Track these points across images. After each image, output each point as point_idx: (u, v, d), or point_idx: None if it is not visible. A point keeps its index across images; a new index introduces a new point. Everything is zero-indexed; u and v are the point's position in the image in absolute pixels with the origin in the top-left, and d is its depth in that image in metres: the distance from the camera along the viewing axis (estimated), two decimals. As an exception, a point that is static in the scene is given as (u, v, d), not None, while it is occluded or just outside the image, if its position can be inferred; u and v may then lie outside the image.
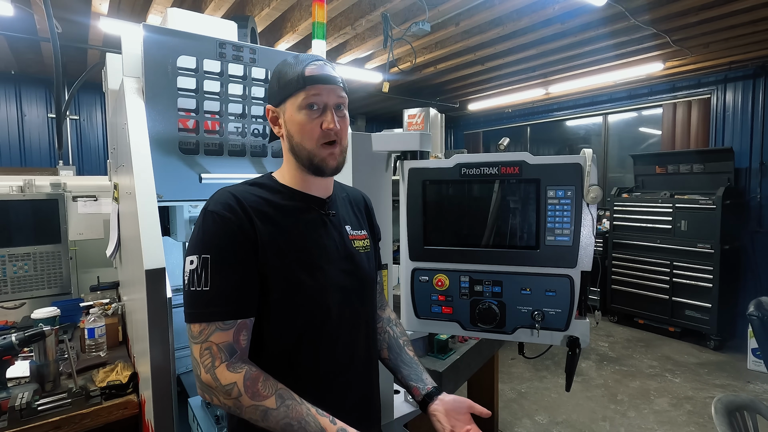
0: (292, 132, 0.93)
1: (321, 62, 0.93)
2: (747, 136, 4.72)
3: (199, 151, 1.49)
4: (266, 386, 0.81)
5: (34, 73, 5.18)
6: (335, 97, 0.92)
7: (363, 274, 1.02)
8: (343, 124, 0.94)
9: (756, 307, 1.85)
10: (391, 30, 3.32)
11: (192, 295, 0.83)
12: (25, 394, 1.27)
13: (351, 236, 1.03)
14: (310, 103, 0.90)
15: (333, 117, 0.91)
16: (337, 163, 0.95)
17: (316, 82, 0.90)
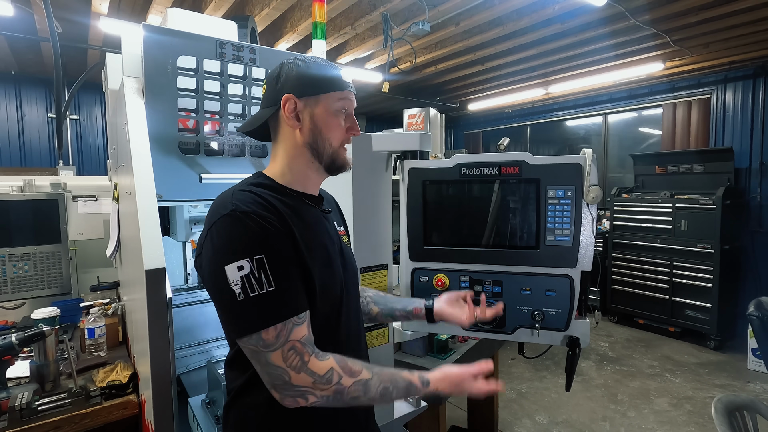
0: (321, 127, 0.95)
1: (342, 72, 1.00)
2: (747, 136, 4.72)
3: (199, 151, 1.49)
4: (354, 362, 0.85)
5: (34, 73, 5.18)
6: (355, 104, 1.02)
7: (354, 265, 1.10)
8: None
9: (756, 307, 1.85)
10: (391, 30, 3.32)
11: (255, 301, 0.78)
12: (25, 394, 1.27)
13: (340, 233, 1.09)
14: (344, 106, 0.97)
15: (357, 123, 1.00)
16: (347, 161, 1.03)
17: (351, 89, 0.98)
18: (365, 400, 0.83)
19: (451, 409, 3.18)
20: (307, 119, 0.94)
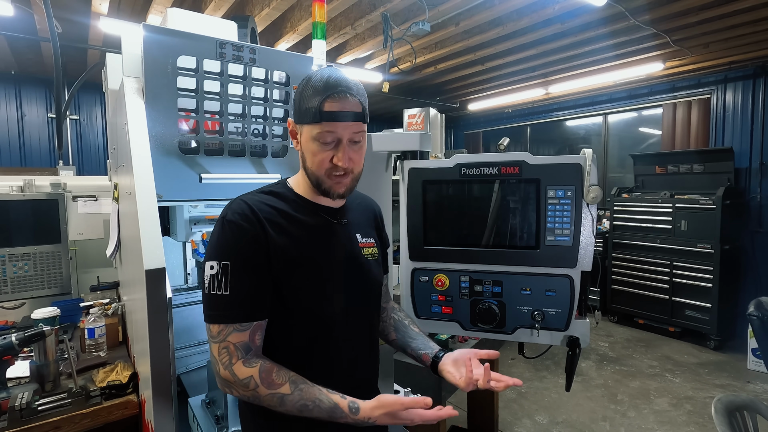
0: (305, 155, 0.98)
1: (341, 95, 0.92)
2: (747, 136, 4.72)
3: (199, 151, 1.49)
4: (279, 375, 0.88)
5: (34, 73, 5.18)
6: (350, 132, 0.94)
7: (369, 279, 1.06)
8: (357, 155, 0.98)
9: (756, 307, 1.85)
10: (391, 30, 3.32)
11: (212, 299, 0.92)
12: (25, 394, 1.27)
13: (361, 244, 1.06)
14: (323, 139, 0.93)
15: (344, 154, 0.94)
16: (345, 190, 0.99)
17: (332, 119, 0.92)
18: (282, 410, 0.87)
19: (451, 409, 3.18)
20: (300, 144, 1.00)
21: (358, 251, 1.05)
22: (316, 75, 0.95)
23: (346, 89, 0.93)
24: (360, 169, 1.01)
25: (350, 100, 0.93)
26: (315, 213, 1.02)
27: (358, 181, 1.02)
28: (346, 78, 0.96)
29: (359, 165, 1.00)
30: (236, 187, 1.58)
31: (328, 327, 0.98)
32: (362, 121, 0.96)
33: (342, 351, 1.00)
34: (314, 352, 0.97)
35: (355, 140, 0.96)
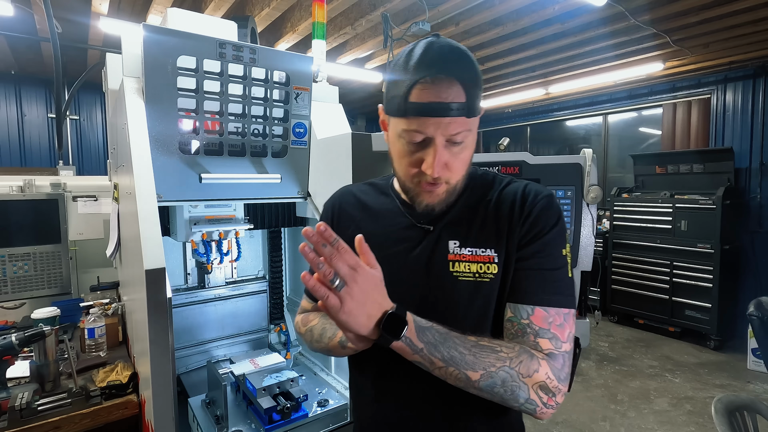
0: (392, 154, 0.81)
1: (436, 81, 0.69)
2: (747, 136, 4.72)
3: (199, 151, 1.49)
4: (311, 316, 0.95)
5: (34, 73, 5.18)
6: (446, 131, 0.71)
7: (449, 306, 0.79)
8: (456, 162, 0.75)
9: (756, 307, 1.85)
10: (391, 30, 3.32)
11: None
12: (25, 394, 1.27)
13: (454, 256, 0.79)
14: (410, 138, 0.73)
15: (437, 159, 0.72)
16: (439, 201, 0.78)
17: (421, 114, 0.70)
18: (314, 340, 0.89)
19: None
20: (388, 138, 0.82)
21: (441, 265, 0.80)
22: (411, 48, 0.74)
23: (444, 70, 0.69)
24: (459, 177, 0.78)
25: (449, 87, 0.69)
26: (398, 211, 0.86)
27: (458, 191, 0.81)
28: (448, 52, 0.71)
29: (457, 173, 0.77)
30: (236, 187, 1.58)
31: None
32: (466, 116, 0.71)
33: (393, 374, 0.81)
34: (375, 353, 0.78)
35: (454, 141, 0.73)
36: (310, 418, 1.46)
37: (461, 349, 0.69)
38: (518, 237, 0.78)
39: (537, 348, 0.73)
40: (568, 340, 0.74)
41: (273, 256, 2.10)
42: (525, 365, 0.70)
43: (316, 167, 1.70)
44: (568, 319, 0.75)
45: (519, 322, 0.74)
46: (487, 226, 0.80)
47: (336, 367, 1.79)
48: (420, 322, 0.70)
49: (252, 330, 2.07)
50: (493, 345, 0.71)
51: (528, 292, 0.75)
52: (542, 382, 0.70)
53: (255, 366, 1.57)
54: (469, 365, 0.69)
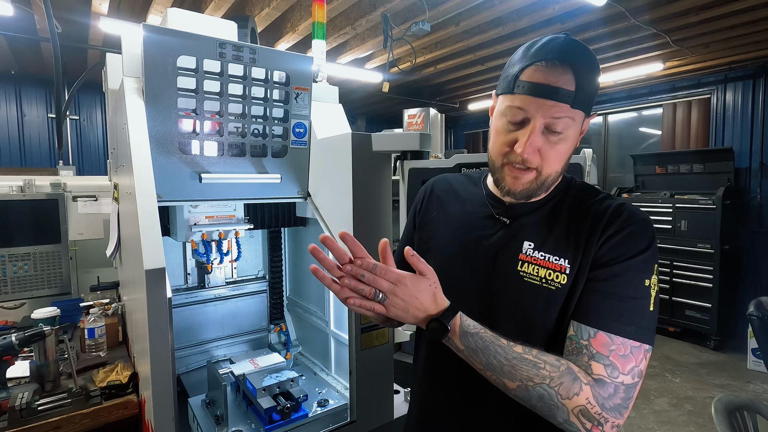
0: (491, 132, 0.82)
1: (549, 65, 0.72)
2: (747, 136, 4.72)
3: (199, 151, 1.49)
4: None
5: (34, 73, 5.18)
6: (548, 114, 0.72)
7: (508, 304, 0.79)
8: (551, 150, 0.75)
9: (756, 307, 1.85)
10: (391, 30, 3.32)
11: None
12: (25, 394, 1.27)
13: (526, 257, 0.79)
14: (511, 115, 0.76)
15: (530, 140, 0.73)
16: (522, 189, 0.78)
17: (527, 92, 0.73)
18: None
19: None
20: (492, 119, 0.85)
21: (510, 263, 0.80)
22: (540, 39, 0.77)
23: (560, 57, 0.72)
24: (554, 170, 0.77)
25: (560, 72, 0.71)
26: (482, 198, 0.88)
27: (547, 185, 0.79)
28: (571, 44, 0.74)
29: (550, 164, 0.76)
30: (236, 187, 1.58)
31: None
32: (570, 104, 0.72)
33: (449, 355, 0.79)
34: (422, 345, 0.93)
35: (553, 128, 0.73)
36: (310, 418, 1.46)
37: (501, 359, 0.70)
38: (596, 254, 0.74)
39: (588, 370, 0.69)
40: (630, 373, 0.69)
41: (273, 256, 2.10)
42: (565, 387, 0.68)
43: (316, 167, 1.70)
44: (636, 352, 0.70)
45: (578, 341, 0.72)
46: (567, 234, 0.78)
47: (336, 367, 1.79)
48: (467, 327, 0.72)
49: (252, 330, 2.07)
50: (537, 360, 0.70)
51: (595, 313, 0.72)
52: (582, 407, 0.67)
53: (255, 366, 1.57)
54: (506, 374, 0.70)
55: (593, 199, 0.80)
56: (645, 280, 0.72)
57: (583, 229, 0.76)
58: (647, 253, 0.73)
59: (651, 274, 0.73)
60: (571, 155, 0.79)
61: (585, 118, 0.77)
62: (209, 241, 1.78)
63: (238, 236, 1.89)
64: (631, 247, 0.73)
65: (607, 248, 0.74)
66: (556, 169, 0.78)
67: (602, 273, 0.73)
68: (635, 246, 0.73)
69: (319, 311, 1.87)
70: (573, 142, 0.77)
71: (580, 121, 0.76)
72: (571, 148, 0.78)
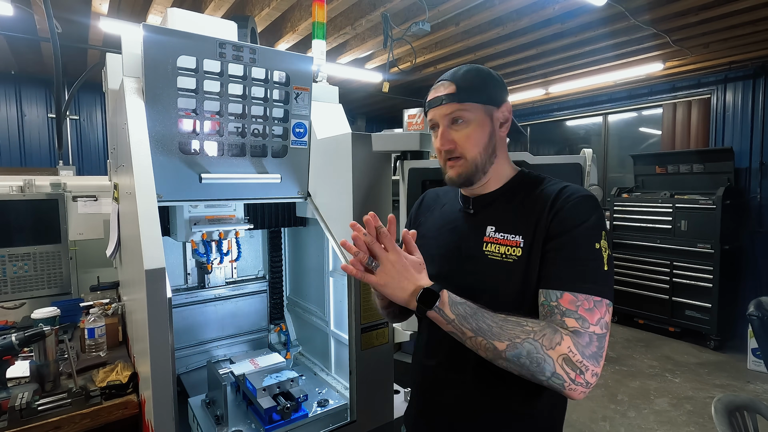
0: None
1: (437, 84, 0.96)
2: (747, 136, 4.72)
3: (199, 151, 1.49)
4: None
5: (34, 73, 5.18)
6: (444, 115, 0.94)
7: (477, 279, 0.93)
8: (460, 135, 0.93)
9: (756, 307, 1.85)
10: (391, 30, 3.32)
11: None
12: (25, 394, 1.27)
13: (489, 238, 0.93)
14: (430, 125, 1.00)
15: (441, 135, 0.95)
16: (458, 174, 0.95)
17: (429, 107, 0.97)
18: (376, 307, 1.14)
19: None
20: None
21: (477, 245, 0.94)
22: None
23: (445, 78, 0.96)
24: (474, 152, 0.93)
25: (445, 86, 0.94)
26: (455, 200, 1.05)
27: (478, 169, 0.94)
28: (456, 70, 0.96)
29: (468, 148, 0.93)
30: (236, 187, 1.59)
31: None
32: (456, 101, 0.92)
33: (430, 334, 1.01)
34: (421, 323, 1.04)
35: (454, 119, 0.93)
36: (310, 418, 1.47)
37: (489, 322, 0.80)
38: (546, 228, 0.86)
39: (563, 326, 0.79)
40: (598, 324, 0.78)
41: (273, 256, 2.10)
42: (548, 338, 0.76)
43: (316, 167, 1.70)
44: (599, 306, 0.79)
45: (549, 304, 0.82)
46: (521, 215, 0.91)
47: (336, 367, 1.79)
48: (454, 298, 0.82)
49: (252, 330, 2.07)
50: (519, 320, 0.80)
51: (558, 278, 0.83)
52: (565, 355, 0.75)
53: (255, 366, 1.57)
54: (495, 336, 0.78)
55: (543, 185, 0.94)
56: (595, 244, 0.83)
57: (534, 209, 0.90)
58: (591, 219, 0.84)
59: (599, 238, 0.83)
60: (488, 139, 0.94)
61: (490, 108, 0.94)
62: (209, 241, 1.78)
63: (238, 236, 1.89)
64: (576, 218, 0.85)
65: (557, 222, 0.86)
66: (478, 150, 0.93)
67: (556, 243, 0.85)
68: (579, 216, 0.85)
69: (319, 311, 1.87)
70: (479, 125, 0.93)
71: (480, 110, 0.93)
72: (478, 130, 0.93)
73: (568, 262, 0.83)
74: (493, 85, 0.95)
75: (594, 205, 0.87)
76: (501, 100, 0.95)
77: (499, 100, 0.95)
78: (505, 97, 0.96)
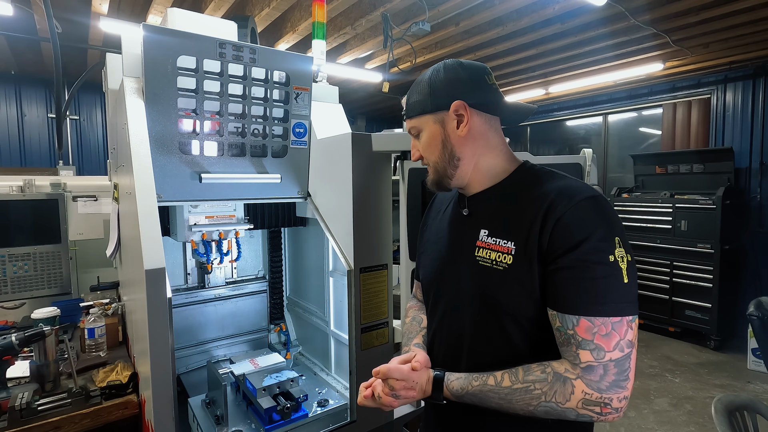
0: None
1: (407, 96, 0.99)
2: (747, 136, 4.72)
3: (199, 151, 1.49)
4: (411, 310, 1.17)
5: (34, 73, 5.18)
6: (410, 129, 1.00)
7: (468, 285, 0.91)
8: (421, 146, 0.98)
9: (756, 307, 1.85)
10: (391, 30, 3.32)
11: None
12: (25, 394, 1.27)
13: (481, 242, 0.90)
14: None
15: (412, 148, 1.01)
16: (429, 180, 1.00)
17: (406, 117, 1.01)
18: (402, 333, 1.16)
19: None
20: None
21: (470, 250, 0.91)
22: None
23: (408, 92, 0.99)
24: (433, 159, 0.96)
25: (405, 100, 1.00)
26: (454, 200, 1.05)
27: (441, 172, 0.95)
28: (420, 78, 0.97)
29: (428, 155, 0.97)
30: (236, 187, 1.59)
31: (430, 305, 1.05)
32: (408, 117, 0.99)
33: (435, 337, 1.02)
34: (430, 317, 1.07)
35: (413, 134, 0.99)
36: (310, 418, 1.47)
37: (496, 401, 0.80)
38: (542, 237, 0.79)
39: (576, 361, 0.75)
40: (617, 348, 0.74)
41: (273, 256, 2.10)
42: (560, 393, 0.74)
43: (316, 167, 1.70)
44: (618, 327, 0.74)
45: (565, 332, 0.77)
46: (513, 219, 0.86)
47: (336, 367, 1.79)
48: (457, 391, 0.84)
49: (252, 330, 2.07)
50: (526, 385, 0.77)
51: (573, 301, 0.76)
52: (582, 399, 0.73)
53: (255, 366, 1.57)
54: (506, 410, 0.80)
55: (542, 183, 0.87)
56: (608, 257, 0.75)
57: (527, 213, 0.84)
58: (599, 229, 0.76)
59: (613, 249, 0.76)
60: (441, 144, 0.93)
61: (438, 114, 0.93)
62: (209, 241, 1.78)
63: (238, 236, 1.89)
64: (582, 229, 0.76)
65: (559, 234, 0.78)
66: (434, 158, 0.95)
67: (565, 261, 0.76)
68: (585, 227, 0.76)
69: (319, 311, 1.87)
70: (431, 135, 0.94)
71: (429, 120, 0.94)
72: (430, 139, 0.95)
73: (580, 283, 0.75)
74: (438, 89, 0.91)
75: (600, 208, 0.78)
76: (450, 101, 0.90)
77: (446, 103, 0.90)
78: (458, 95, 0.89)
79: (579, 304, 0.75)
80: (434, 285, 1.00)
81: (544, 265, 0.79)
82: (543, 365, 0.78)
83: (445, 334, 0.97)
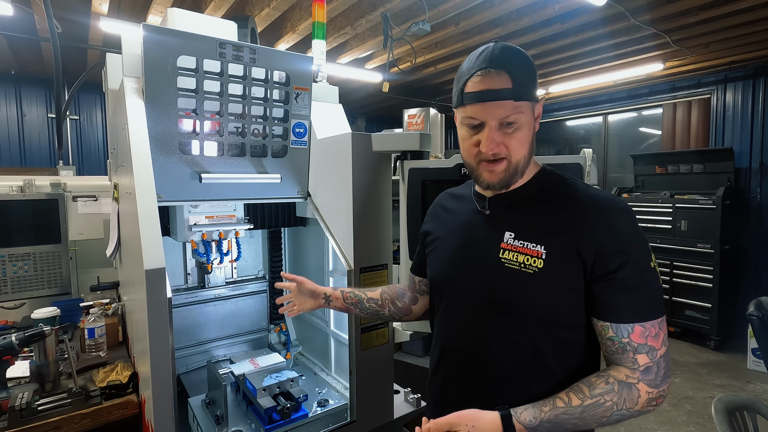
0: (459, 140, 0.93)
1: (484, 73, 0.81)
2: (747, 136, 4.72)
3: (199, 151, 1.49)
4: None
5: (34, 73, 5.18)
6: (496, 114, 0.82)
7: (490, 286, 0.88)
8: (511, 140, 0.84)
9: (756, 307, 1.85)
10: (391, 30, 3.32)
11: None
12: (25, 394, 1.27)
13: (506, 245, 0.88)
14: (468, 123, 0.86)
15: (489, 138, 0.83)
16: (498, 180, 0.87)
17: (473, 101, 0.83)
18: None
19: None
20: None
21: (493, 251, 0.89)
22: (475, 52, 0.87)
23: (492, 65, 0.81)
24: (519, 156, 0.85)
25: (495, 76, 0.81)
26: (469, 198, 1.00)
27: (521, 171, 0.87)
28: (500, 51, 0.83)
29: (516, 151, 0.84)
30: (236, 187, 1.59)
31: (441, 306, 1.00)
32: (512, 99, 0.81)
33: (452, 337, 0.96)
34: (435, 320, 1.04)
35: (506, 122, 0.82)
36: (310, 418, 1.47)
37: (573, 422, 0.78)
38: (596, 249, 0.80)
39: (635, 366, 0.79)
40: (663, 344, 0.81)
41: (273, 256, 2.10)
42: (629, 400, 0.78)
43: (316, 167, 1.70)
44: (662, 325, 0.81)
45: (620, 341, 0.80)
46: (544, 223, 0.86)
47: (336, 367, 1.79)
48: (530, 423, 0.77)
49: (252, 330, 2.07)
50: (597, 399, 0.78)
51: (626, 310, 0.80)
52: (647, 399, 0.79)
53: (255, 366, 1.57)
54: (584, 427, 0.79)
55: (568, 189, 0.88)
56: (650, 263, 0.81)
57: (560, 219, 0.84)
58: (642, 240, 0.82)
59: (651, 254, 0.82)
60: (532, 139, 0.87)
61: (534, 105, 0.86)
62: (209, 241, 1.78)
63: (238, 236, 1.89)
64: (630, 239, 0.81)
65: (608, 244, 0.80)
66: (523, 154, 0.86)
67: (618, 272, 0.79)
68: (632, 239, 0.81)
69: (319, 311, 1.87)
70: (529, 127, 0.86)
71: (529, 109, 0.85)
72: (528, 133, 0.86)
73: (634, 293, 0.79)
74: (536, 74, 0.86)
75: (635, 218, 0.83)
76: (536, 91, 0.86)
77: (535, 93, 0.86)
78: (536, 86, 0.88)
79: (633, 312, 0.79)
80: (448, 284, 0.97)
81: (590, 273, 0.81)
82: (601, 376, 0.80)
83: (462, 333, 0.93)
